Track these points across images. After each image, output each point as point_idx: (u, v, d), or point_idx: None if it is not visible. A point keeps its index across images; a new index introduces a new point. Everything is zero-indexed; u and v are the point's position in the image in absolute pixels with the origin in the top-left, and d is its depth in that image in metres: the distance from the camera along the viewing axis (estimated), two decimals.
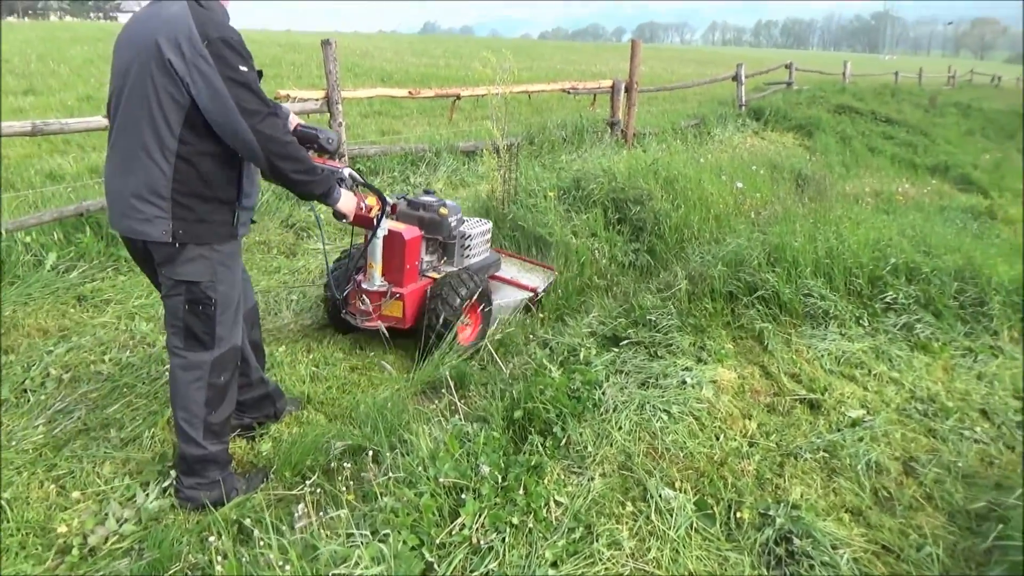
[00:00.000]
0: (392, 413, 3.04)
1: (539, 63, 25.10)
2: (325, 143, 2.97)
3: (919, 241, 5.25)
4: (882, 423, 3.31)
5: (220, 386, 2.64)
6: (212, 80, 2.24)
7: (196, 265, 2.46)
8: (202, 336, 2.56)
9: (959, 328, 4.33)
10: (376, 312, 3.84)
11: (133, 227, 2.40)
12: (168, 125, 2.30)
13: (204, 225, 2.43)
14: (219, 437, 2.69)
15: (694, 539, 2.49)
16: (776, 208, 6.86)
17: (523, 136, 8.85)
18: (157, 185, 2.34)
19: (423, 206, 4.12)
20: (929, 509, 2.81)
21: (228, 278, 2.56)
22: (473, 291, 3.92)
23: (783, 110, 14.13)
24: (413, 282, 3.90)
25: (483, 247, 4.41)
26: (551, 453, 2.80)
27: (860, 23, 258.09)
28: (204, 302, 2.51)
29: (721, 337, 3.97)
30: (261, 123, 2.31)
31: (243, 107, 2.27)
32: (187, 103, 2.28)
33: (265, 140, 2.32)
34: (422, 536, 2.23)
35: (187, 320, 2.53)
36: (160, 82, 2.27)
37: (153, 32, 2.27)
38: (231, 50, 2.28)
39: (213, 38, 2.25)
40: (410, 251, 3.82)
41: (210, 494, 2.66)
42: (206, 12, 2.31)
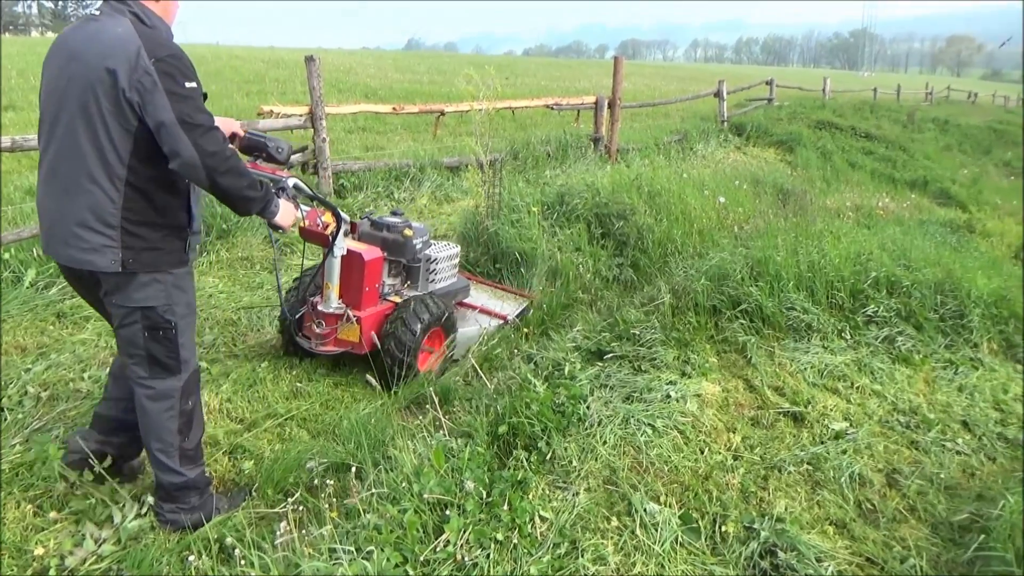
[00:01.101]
0: (376, 429, 3.02)
1: (523, 79, 25.25)
2: (274, 152, 2.87)
3: (899, 255, 5.30)
4: (865, 435, 3.33)
5: (189, 411, 2.58)
6: (155, 96, 2.18)
7: (150, 290, 2.38)
8: (167, 361, 2.48)
9: (940, 340, 4.38)
10: (332, 336, 3.67)
11: (76, 256, 2.30)
12: (116, 152, 2.23)
13: (155, 253, 2.36)
14: (195, 462, 2.63)
15: (679, 553, 2.49)
16: (758, 222, 6.91)
17: (507, 152, 8.89)
18: (104, 213, 2.26)
19: (387, 226, 3.96)
20: (912, 521, 2.83)
21: (184, 299, 2.49)
22: (436, 317, 3.80)
23: (764, 126, 14.29)
24: (373, 305, 3.75)
25: (450, 271, 4.28)
26: (536, 468, 2.79)
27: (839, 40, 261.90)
28: (164, 327, 2.43)
29: (705, 351, 3.99)
30: (202, 137, 2.23)
31: (185, 121, 2.20)
32: (135, 128, 2.22)
33: (206, 155, 2.23)
34: (406, 553, 2.21)
35: (149, 347, 2.44)
36: (107, 108, 2.20)
37: (99, 57, 2.19)
38: (177, 66, 2.23)
39: (161, 56, 2.20)
40: (370, 272, 3.67)
41: (191, 517, 2.61)
42: (151, 31, 2.27)
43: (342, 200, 7.09)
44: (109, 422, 2.75)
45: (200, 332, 4.19)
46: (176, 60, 2.23)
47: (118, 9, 2.29)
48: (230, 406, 3.47)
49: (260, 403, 3.54)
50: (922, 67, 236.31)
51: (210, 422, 3.33)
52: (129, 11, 2.29)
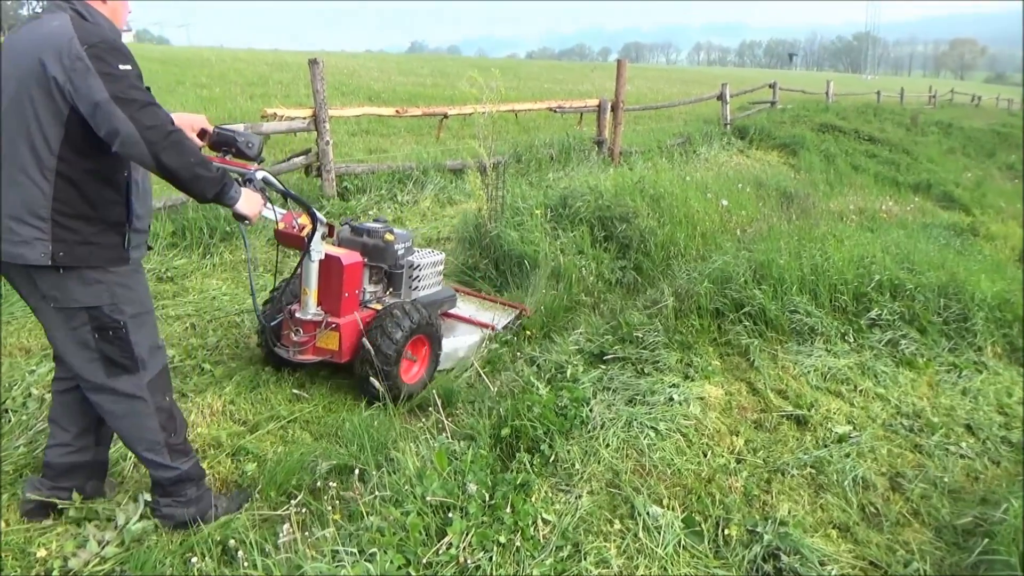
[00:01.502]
0: (378, 431, 3.02)
1: (526, 82, 25.26)
2: (244, 147, 2.80)
3: (903, 258, 5.30)
4: (868, 439, 3.33)
5: (167, 407, 2.53)
6: (88, 78, 2.11)
7: (92, 289, 2.30)
8: (124, 361, 2.40)
9: (943, 344, 4.37)
10: (310, 344, 3.55)
11: (8, 250, 2.23)
12: (47, 142, 2.18)
13: (89, 247, 2.27)
14: (186, 454, 2.60)
15: (682, 556, 2.49)
16: (761, 225, 6.91)
17: (510, 154, 8.89)
18: (35, 205, 2.20)
19: (367, 232, 3.84)
20: (916, 524, 2.82)
21: (132, 298, 2.39)
22: (419, 324, 3.67)
23: (767, 129, 14.28)
24: (352, 312, 3.62)
25: (434, 279, 4.17)
26: (538, 471, 2.79)
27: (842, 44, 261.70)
28: (113, 327, 2.35)
29: (708, 354, 3.98)
30: (139, 111, 2.14)
31: (119, 96, 2.12)
32: (66, 115, 2.16)
33: (144, 129, 2.13)
34: (408, 555, 2.21)
35: (102, 348, 2.36)
36: (39, 99, 2.16)
37: (35, 49, 2.16)
38: (111, 51, 2.17)
39: (93, 42, 2.15)
40: (349, 278, 3.53)
41: (188, 510, 2.60)
42: (90, 25, 2.23)
43: (345, 203, 7.10)
44: (57, 468, 2.65)
45: (203, 334, 4.21)
46: (109, 45, 2.17)
47: (59, 7, 2.26)
48: (233, 408, 3.47)
49: (263, 405, 3.55)
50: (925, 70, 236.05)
51: (213, 424, 3.34)
52: (70, 8, 2.25)
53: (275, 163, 7.31)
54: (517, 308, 4.70)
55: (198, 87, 16.39)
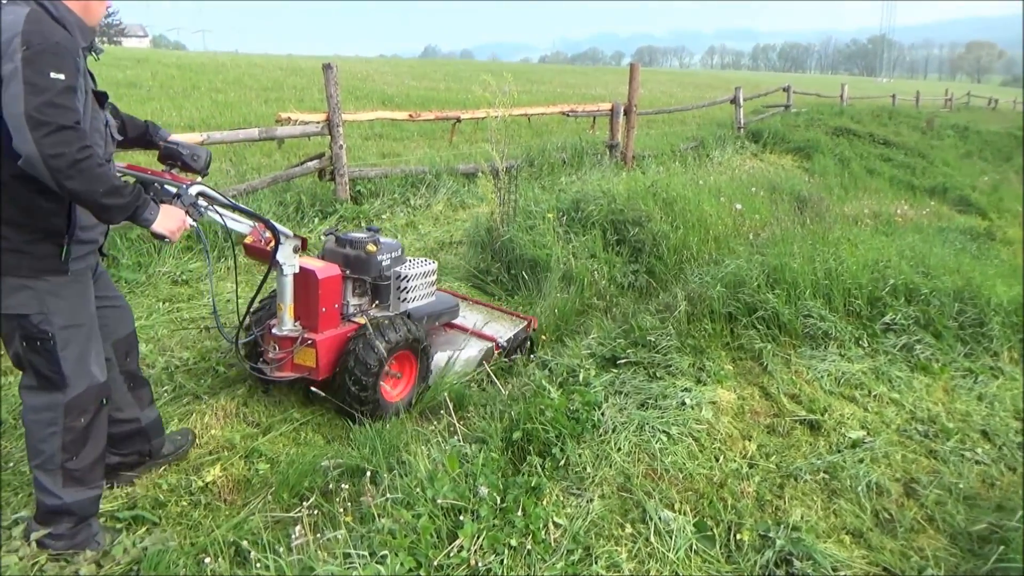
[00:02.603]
0: (390, 434, 3.03)
1: (539, 86, 25.31)
2: (190, 160, 2.76)
3: (918, 262, 5.26)
4: (882, 444, 3.30)
5: (80, 429, 2.39)
6: (13, 85, 2.00)
7: (19, 296, 2.21)
8: (49, 375, 2.31)
9: (959, 349, 4.33)
10: (288, 360, 3.41)
11: None
12: None
13: (20, 256, 2.19)
14: (82, 484, 2.43)
15: (693, 561, 2.48)
16: (775, 230, 6.87)
17: (523, 158, 8.91)
18: None
19: (350, 243, 3.68)
20: (930, 531, 2.80)
21: (65, 310, 2.29)
22: (403, 339, 3.53)
23: (781, 132, 14.23)
24: (331, 327, 3.46)
25: (425, 289, 3.98)
26: (550, 474, 2.79)
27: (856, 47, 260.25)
28: (40, 337, 2.25)
29: (720, 358, 3.97)
30: (48, 136, 2.00)
31: (32, 116, 1.99)
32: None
33: (49, 157, 2.01)
34: (420, 558, 2.21)
35: (28, 358, 2.29)
36: None
37: None
38: (48, 56, 2.03)
39: (34, 43, 2.02)
40: (325, 292, 3.37)
41: (57, 544, 2.43)
42: (46, 23, 2.11)
43: (359, 207, 7.13)
44: (116, 438, 2.75)
45: (217, 336, 4.23)
46: (47, 50, 2.04)
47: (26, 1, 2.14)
48: (246, 410, 3.50)
49: (276, 408, 3.57)
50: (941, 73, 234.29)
51: (226, 425, 3.36)
52: (36, 1, 2.14)
53: (289, 167, 7.35)
54: (525, 320, 4.53)
55: (213, 92, 16.51)
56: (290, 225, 6.26)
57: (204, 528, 2.69)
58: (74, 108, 2.10)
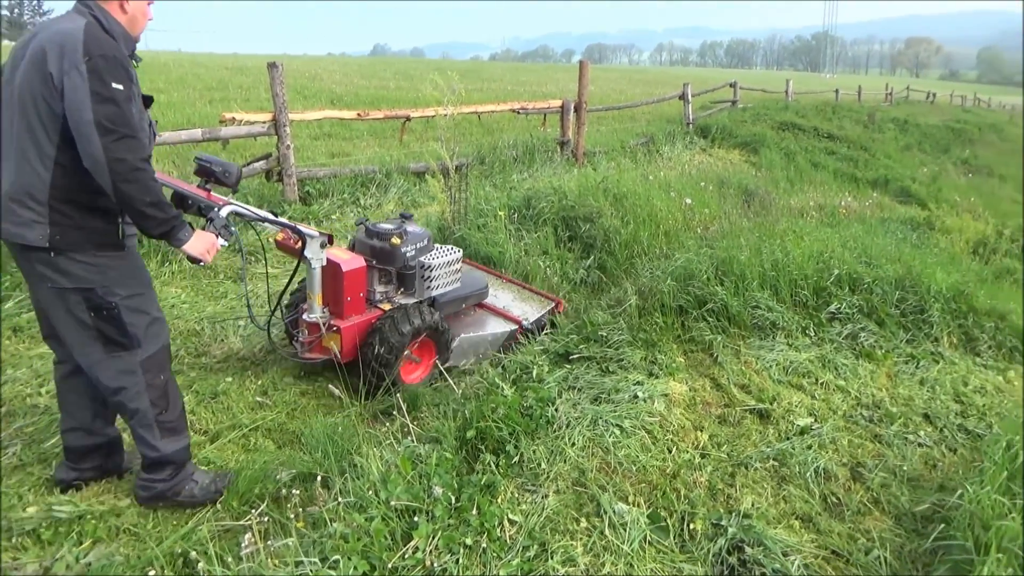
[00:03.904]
0: (342, 437, 2.99)
1: (490, 84, 25.26)
2: (222, 176, 2.92)
3: (861, 253, 5.40)
4: (829, 430, 3.38)
5: (161, 385, 2.63)
6: (79, 92, 2.23)
7: (85, 270, 2.41)
8: (121, 340, 2.52)
9: (901, 335, 4.46)
10: (316, 344, 3.68)
11: (11, 231, 2.37)
12: (46, 132, 2.31)
13: (82, 232, 2.39)
14: (176, 433, 2.71)
15: (648, 552, 2.50)
16: (724, 223, 6.98)
17: (474, 156, 8.88)
18: (35, 190, 2.33)
19: (377, 234, 3.91)
20: (876, 513, 2.87)
21: (125, 281, 2.50)
22: (422, 327, 3.73)
23: (729, 127, 14.45)
24: (356, 314, 3.71)
25: (450, 277, 4.14)
26: (504, 472, 2.78)
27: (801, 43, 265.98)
28: (106, 307, 2.46)
29: (672, 351, 4.01)
30: (115, 142, 2.25)
31: (100, 122, 2.23)
32: (62, 112, 2.27)
33: (114, 161, 2.25)
34: (373, 561, 2.19)
35: (98, 326, 2.48)
36: (39, 90, 2.28)
37: (43, 42, 2.29)
38: (109, 65, 2.27)
39: (95, 55, 2.25)
40: (349, 282, 3.63)
41: (155, 487, 2.72)
42: (102, 35, 2.33)
43: (307, 207, 7.02)
44: (77, 451, 2.82)
45: None
46: (109, 61, 2.27)
47: (80, 11, 2.39)
48: (193, 418, 3.40)
49: (224, 414, 3.49)
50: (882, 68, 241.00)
51: None
52: (90, 14, 2.38)
53: None
54: (553, 301, 4.78)
55: (155, 92, 16.03)
56: (237, 227, 6.12)
57: (152, 540, 2.61)
58: (134, 117, 2.34)
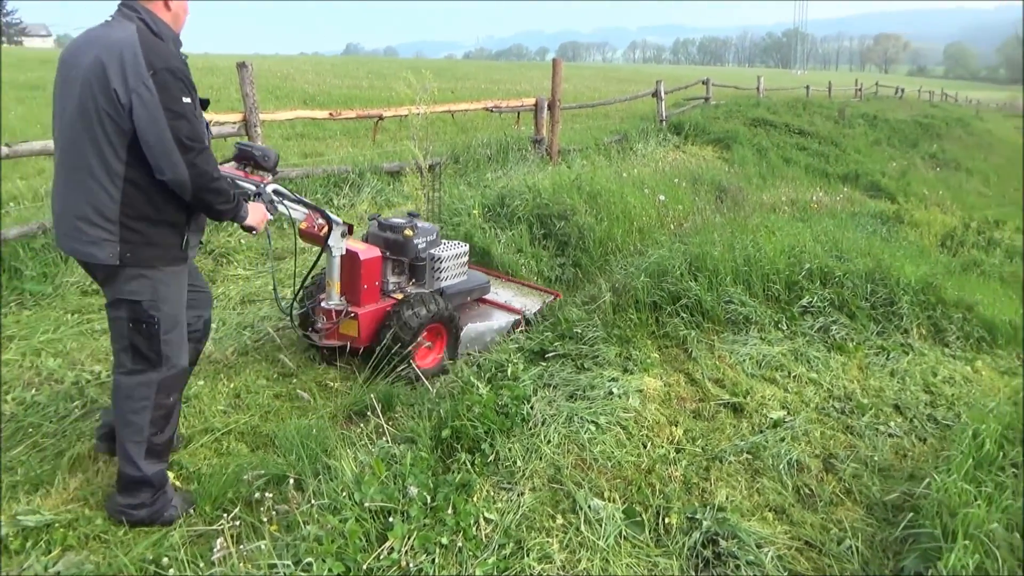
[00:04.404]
0: (316, 440, 2.96)
1: (463, 83, 25.20)
2: (261, 160, 3.06)
3: (832, 246, 5.46)
4: (802, 423, 3.41)
5: (167, 407, 2.64)
6: (152, 110, 2.26)
7: (137, 284, 2.46)
8: (148, 354, 2.55)
9: (872, 328, 4.52)
10: (334, 330, 3.86)
11: (79, 249, 2.40)
12: (113, 149, 2.32)
13: (153, 248, 2.45)
14: (159, 458, 2.67)
15: (624, 547, 2.51)
16: (697, 219, 7.04)
17: (448, 155, 8.85)
18: (104, 208, 2.35)
19: (390, 227, 4.15)
20: (848, 503, 2.91)
21: (171, 298, 2.56)
22: (434, 314, 3.89)
23: (702, 124, 14.52)
24: (372, 302, 3.91)
25: (457, 269, 4.39)
26: (480, 470, 2.78)
27: (772, 40, 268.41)
28: (147, 321, 2.50)
29: (646, 346, 4.03)
30: (197, 157, 2.34)
31: (180, 140, 2.30)
32: (130, 129, 2.30)
33: (197, 175, 2.35)
34: (348, 563, 2.17)
35: (132, 338, 2.52)
36: (103, 107, 2.28)
37: (99, 55, 2.28)
38: (175, 80, 2.32)
39: (159, 68, 2.28)
40: (366, 271, 3.84)
41: (139, 514, 2.64)
42: (156, 40, 2.36)
43: None
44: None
45: None
46: (173, 74, 2.32)
47: (127, 16, 2.40)
48: None
49: (196, 418, 3.44)
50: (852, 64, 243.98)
51: None
52: (138, 17, 2.40)
53: None
54: (552, 294, 4.96)
55: None
56: (208, 228, 6.05)
57: (122, 547, 2.57)
58: (203, 127, 2.43)
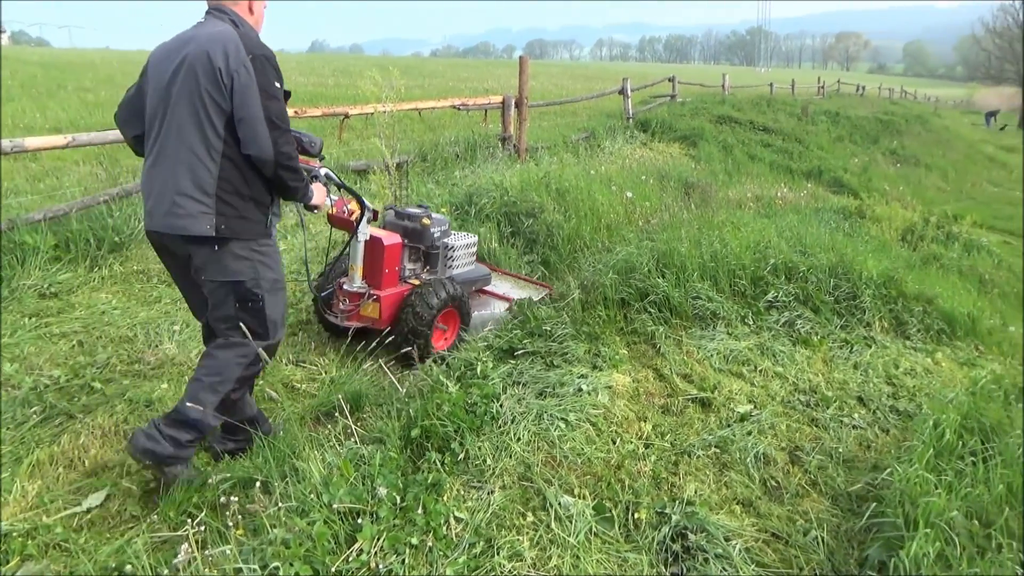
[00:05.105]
0: (283, 441, 2.92)
1: (430, 80, 25.11)
2: (308, 146, 3.17)
3: (796, 242, 5.54)
4: (768, 416, 3.46)
5: (253, 375, 2.88)
6: (249, 89, 2.51)
7: (239, 264, 2.66)
8: (257, 329, 2.77)
9: (835, 322, 4.59)
10: (355, 312, 4.02)
11: (175, 223, 2.56)
12: (213, 126, 2.53)
13: (244, 222, 2.64)
14: (220, 415, 2.83)
15: (594, 543, 2.51)
16: (664, 216, 7.08)
17: (415, 153, 8.80)
18: (204, 183, 2.55)
19: (408, 216, 4.37)
20: (814, 495, 2.95)
21: (269, 275, 2.76)
22: (450, 298, 4.11)
23: (668, 122, 14.64)
24: (392, 286, 4.09)
25: (467, 258, 4.65)
26: (450, 469, 2.77)
27: (736, 38, 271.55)
28: (252, 299, 2.71)
29: (615, 343, 4.05)
30: (281, 137, 2.59)
31: (271, 120, 2.55)
32: (229, 108, 2.53)
33: (280, 154, 2.59)
34: (316, 565, 2.15)
35: (240, 317, 2.72)
36: (206, 88, 2.50)
37: (201, 44, 2.53)
38: (270, 67, 2.60)
39: (257, 54, 2.56)
40: (389, 256, 4.02)
41: (165, 450, 2.66)
42: (247, 33, 2.64)
43: None
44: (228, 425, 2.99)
45: (92, 351, 3.97)
46: (269, 61, 2.60)
47: (219, 16, 2.68)
48: (127, 427, 3.28)
49: None
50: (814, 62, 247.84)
51: (105, 445, 3.16)
52: (228, 19, 2.68)
53: None
54: (545, 288, 5.10)
55: (82, 91, 15.51)
56: None
57: (83, 555, 2.52)
58: (287, 113, 2.68)
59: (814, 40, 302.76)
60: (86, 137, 5.56)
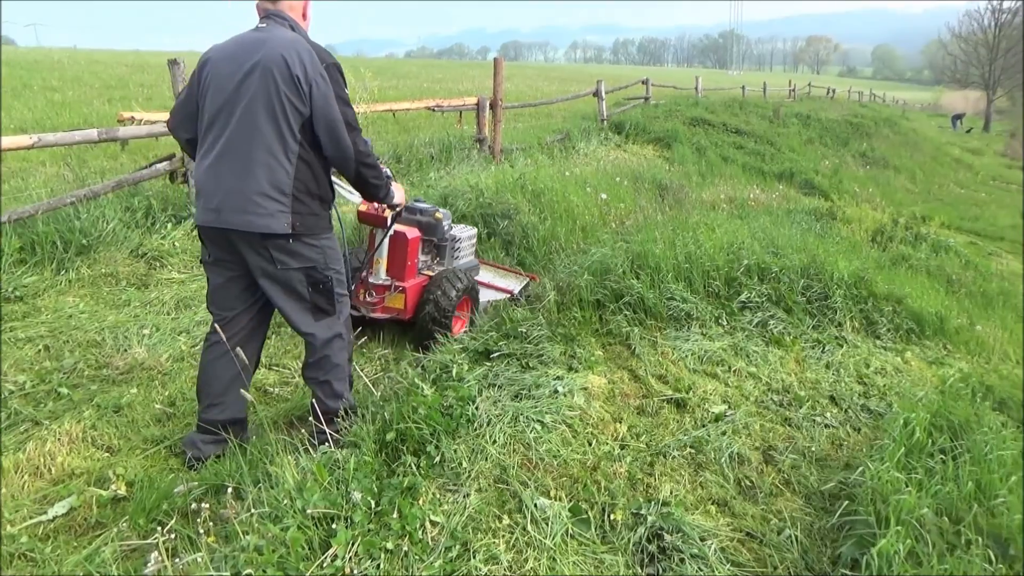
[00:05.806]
0: (255, 446, 2.89)
1: (405, 81, 25.03)
2: None
3: (769, 243, 5.59)
4: (742, 416, 3.48)
5: (351, 344, 3.17)
6: (328, 96, 2.68)
7: (310, 251, 2.83)
8: (327, 307, 2.97)
9: (808, 322, 4.64)
10: (380, 303, 4.22)
11: (256, 222, 2.67)
12: (292, 130, 2.67)
13: (314, 218, 2.82)
14: (351, 387, 3.18)
15: (570, 545, 2.51)
16: (639, 217, 7.12)
17: (389, 155, 8.76)
18: (281, 183, 2.68)
19: (420, 211, 4.60)
20: (788, 494, 2.97)
21: (334, 259, 2.96)
22: (467, 286, 4.39)
23: (642, 124, 14.73)
24: (413, 278, 4.33)
25: (469, 250, 4.88)
26: (425, 473, 2.74)
27: (709, 41, 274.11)
28: (323, 281, 2.91)
29: (591, 344, 4.06)
30: (358, 138, 2.79)
31: (348, 122, 2.74)
32: (307, 112, 2.67)
33: (359, 153, 2.80)
34: (290, 572, 2.11)
35: (314, 299, 2.92)
36: (285, 93, 2.62)
37: (276, 50, 2.64)
38: (340, 75, 2.78)
39: (329, 63, 2.73)
40: (412, 250, 4.28)
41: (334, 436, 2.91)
42: (311, 42, 2.76)
43: None
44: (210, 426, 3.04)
45: (59, 356, 3.90)
46: (338, 69, 2.78)
47: (280, 23, 2.81)
48: (95, 433, 3.22)
49: (128, 428, 3.31)
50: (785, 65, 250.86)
51: (73, 452, 3.09)
52: (287, 24, 2.82)
53: (136, 169, 6.87)
54: (529, 277, 5.36)
55: (48, 91, 15.24)
56: (139, 232, 5.84)
57: (50, 564, 2.46)
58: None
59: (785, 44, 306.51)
60: (52, 138, 5.45)
